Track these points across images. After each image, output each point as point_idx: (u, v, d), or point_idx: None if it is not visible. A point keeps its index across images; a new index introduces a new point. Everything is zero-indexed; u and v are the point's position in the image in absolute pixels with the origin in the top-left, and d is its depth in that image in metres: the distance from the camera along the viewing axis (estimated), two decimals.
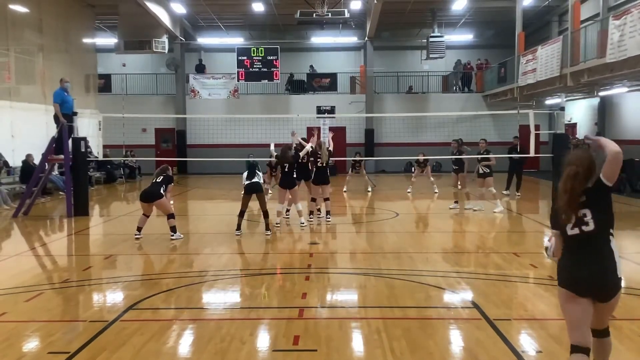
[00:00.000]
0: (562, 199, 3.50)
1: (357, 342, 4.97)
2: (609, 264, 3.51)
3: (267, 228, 10.09)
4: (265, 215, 10.08)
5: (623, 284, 4.77)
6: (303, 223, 10.91)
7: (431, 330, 5.20)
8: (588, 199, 3.47)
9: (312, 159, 11.64)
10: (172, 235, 9.76)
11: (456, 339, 5.10)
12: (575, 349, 3.59)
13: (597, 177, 3.52)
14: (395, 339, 4.95)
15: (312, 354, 4.69)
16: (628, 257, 8.49)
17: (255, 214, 12.56)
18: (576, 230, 3.51)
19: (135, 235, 9.82)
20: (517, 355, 4.59)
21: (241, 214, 10.15)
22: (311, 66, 27.27)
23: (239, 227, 10.09)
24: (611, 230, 3.52)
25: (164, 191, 9.79)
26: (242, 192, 10.29)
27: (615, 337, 4.98)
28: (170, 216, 9.83)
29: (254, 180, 10.02)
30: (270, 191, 15.02)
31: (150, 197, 9.76)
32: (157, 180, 9.91)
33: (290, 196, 10.95)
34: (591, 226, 3.47)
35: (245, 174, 10.24)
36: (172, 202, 10.74)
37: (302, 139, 12.32)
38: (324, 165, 11.38)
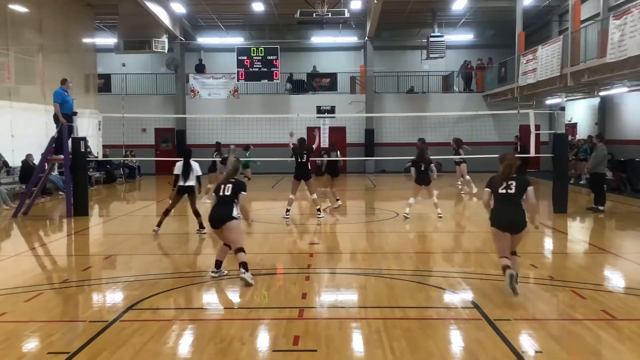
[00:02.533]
0: (502, 173, 6.19)
1: (357, 343, 4.96)
2: (520, 212, 6.18)
3: (201, 227, 10.09)
4: (197, 214, 10.14)
5: (622, 284, 6.98)
6: (320, 214, 11.73)
7: (431, 331, 5.20)
8: (514, 178, 6.19)
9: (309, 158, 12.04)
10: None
11: (456, 339, 5.10)
12: (502, 258, 6.18)
13: (526, 181, 6.26)
14: (395, 339, 4.94)
15: (312, 354, 4.69)
16: (628, 257, 8.49)
17: (253, 214, 12.55)
18: (504, 191, 6.15)
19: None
20: (517, 356, 4.58)
21: (166, 213, 10.24)
22: (314, 67, 27.25)
23: (159, 224, 10.18)
24: (523, 196, 6.16)
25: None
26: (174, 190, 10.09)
27: (615, 337, 5.01)
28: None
29: (189, 183, 9.92)
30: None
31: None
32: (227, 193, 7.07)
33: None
34: (513, 190, 6.14)
35: (180, 170, 9.91)
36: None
37: (301, 139, 12.38)
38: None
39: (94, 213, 13.96)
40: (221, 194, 6.96)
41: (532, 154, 13.85)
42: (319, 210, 12.06)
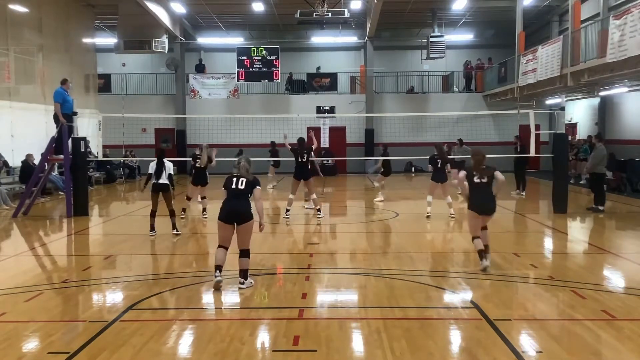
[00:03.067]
0: (475, 165, 7.36)
1: (357, 343, 4.96)
2: (491, 198, 7.39)
3: (175, 227, 10.11)
4: (172, 214, 10.10)
5: (622, 284, 7.15)
6: (320, 214, 11.88)
7: (431, 331, 5.20)
8: (486, 167, 7.34)
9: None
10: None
11: (456, 339, 5.10)
12: (475, 237, 7.34)
13: (494, 169, 7.40)
14: (395, 339, 4.94)
15: (312, 354, 4.69)
16: (628, 257, 8.49)
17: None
18: (478, 180, 7.32)
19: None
20: (517, 356, 4.58)
21: (152, 214, 10.13)
22: (318, 68, 27.17)
23: (152, 228, 10.06)
24: (493, 184, 7.33)
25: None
26: (150, 190, 10.19)
27: (615, 337, 5.01)
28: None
29: (162, 181, 9.93)
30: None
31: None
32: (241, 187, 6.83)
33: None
34: (485, 180, 7.30)
35: (152, 169, 10.00)
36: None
37: (300, 139, 12.39)
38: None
39: (94, 213, 13.96)
40: (234, 186, 6.60)
41: (532, 153, 13.84)
42: (318, 210, 12.10)
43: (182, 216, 11.95)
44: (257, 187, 6.69)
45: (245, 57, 24.56)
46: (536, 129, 13.90)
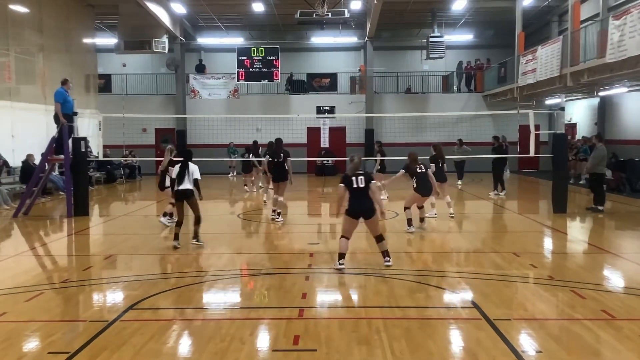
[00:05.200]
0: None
1: (357, 342, 4.96)
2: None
3: (196, 236, 9.07)
4: (197, 221, 9.09)
5: (621, 283, 7.11)
6: (279, 218, 11.54)
7: (431, 330, 5.21)
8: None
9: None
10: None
11: (456, 339, 5.11)
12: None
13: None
14: (395, 339, 4.95)
15: (312, 353, 4.70)
16: (628, 257, 8.50)
17: (251, 213, 12.57)
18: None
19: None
20: (517, 355, 4.59)
21: (178, 224, 9.14)
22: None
23: (176, 237, 9.04)
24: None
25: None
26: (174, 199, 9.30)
27: (615, 337, 5.01)
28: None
29: (184, 187, 8.87)
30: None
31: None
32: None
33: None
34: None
35: (175, 174, 9.01)
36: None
37: (278, 139, 12.03)
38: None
39: (94, 213, 13.97)
40: (355, 185, 7.48)
41: (532, 154, 13.85)
42: (278, 214, 11.62)
43: (169, 222, 11.03)
44: (373, 182, 7.66)
45: (245, 58, 24.56)
46: (536, 129, 13.92)
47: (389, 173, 14.84)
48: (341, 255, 7.54)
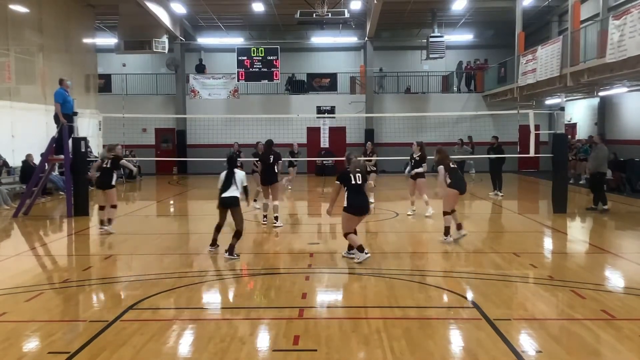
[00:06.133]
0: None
1: (357, 342, 4.96)
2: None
3: (231, 251, 8.21)
4: (237, 235, 8.26)
5: (621, 283, 7.17)
6: (265, 221, 11.11)
7: (431, 331, 5.20)
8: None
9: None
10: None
11: (456, 339, 5.10)
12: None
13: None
14: (395, 339, 4.95)
15: (312, 354, 4.69)
16: (628, 257, 8.50)
17: (250, 213, 12.55)
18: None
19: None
20: (517, 356, 4.59)
21: (217, 228, 8.60)
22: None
23: (214, 243, 8.64)
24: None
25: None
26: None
27: (615, 337, 5.01)
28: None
29: (229, 194, 8.25)
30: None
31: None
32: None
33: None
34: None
35: (222, 182, 8.35)
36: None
37: (269, 141, 11.50)
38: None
39: (94, 213, 13.93)
40: (354, 182, 7.75)
41: (532, 154, 13.85)
42: (276, 218, 11.02)
43: (101, 229, 10.51)
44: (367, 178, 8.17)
45: (245, 58, 24.56)
46: (536, 129, 13.91)
47: (391, 173, 14.88)
48: (361, 247, 7.79)
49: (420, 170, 12.21)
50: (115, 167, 10.64)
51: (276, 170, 11.05)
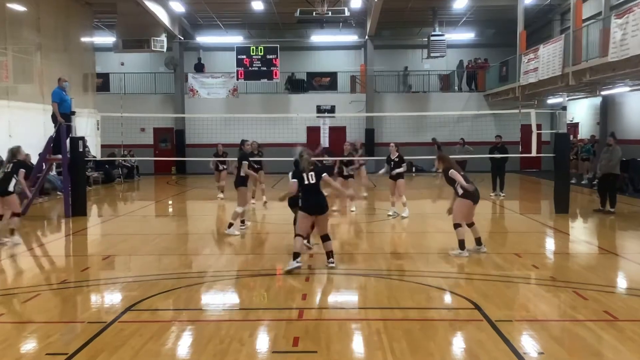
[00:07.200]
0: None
1: (357, 344, 4.92)
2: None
3: (331, 257, 7.54)
4: (326, 238, 7.57)
5: (624, 284, 7.07)
6: (229, 229, 10.22)
7: (432, 332, 5.16)
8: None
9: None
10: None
11: (457, 341, 5.06)
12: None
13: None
14: (395, 340, 4.91)
15: (312, 355, 4.65)
16: (630, 258, 8.45)
17: (250, 213, 12.50)
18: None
19: None
20: (518, 357, 4.54)
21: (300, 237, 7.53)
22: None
23: (296, 257, 7.42)
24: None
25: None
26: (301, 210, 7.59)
27: (616, 338, 4.97)
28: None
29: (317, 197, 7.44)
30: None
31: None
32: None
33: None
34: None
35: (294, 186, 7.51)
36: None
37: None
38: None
39: (92, 213, 13.90)
40: (306, 182, 7.32)
41: (534, 153, 13.78)
42: (230, 225, 10.21)
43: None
44: (325, 174, 7.49)
45: (244, 56, 24.50)
46: (537, 128, 13.84)
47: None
48: (296, 255, 7.22)
49: (400, 170, 12.18)
50: (16, 173, 9.55)
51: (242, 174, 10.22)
